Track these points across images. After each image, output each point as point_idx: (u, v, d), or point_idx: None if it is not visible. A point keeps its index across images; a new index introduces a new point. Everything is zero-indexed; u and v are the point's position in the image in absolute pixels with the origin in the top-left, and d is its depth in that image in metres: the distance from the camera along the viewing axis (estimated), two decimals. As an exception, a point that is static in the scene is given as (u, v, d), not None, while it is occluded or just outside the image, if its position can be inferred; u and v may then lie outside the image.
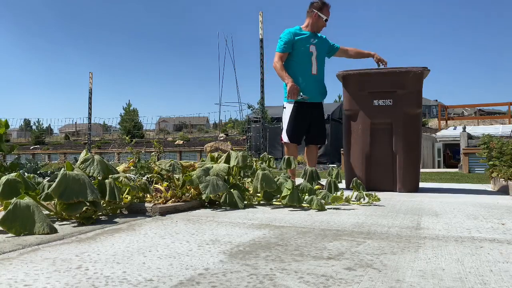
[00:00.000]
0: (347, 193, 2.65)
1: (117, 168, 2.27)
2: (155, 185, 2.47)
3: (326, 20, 3.74)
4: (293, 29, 3.74)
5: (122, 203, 2.07)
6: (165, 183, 2.45)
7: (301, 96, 3.60)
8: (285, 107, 3.76)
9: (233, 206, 2.32)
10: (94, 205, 1.80)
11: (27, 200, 1.59)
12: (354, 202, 2.57)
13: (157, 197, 2.27)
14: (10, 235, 1.51)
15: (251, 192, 2.58)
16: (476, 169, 9.35)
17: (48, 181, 1.95)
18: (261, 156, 3.08)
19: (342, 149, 3.96)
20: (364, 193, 2.60)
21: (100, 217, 1.95)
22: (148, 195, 2.28)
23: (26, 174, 2.53)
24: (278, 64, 3.67)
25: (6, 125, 3.07)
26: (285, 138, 3.73)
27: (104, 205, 1.98)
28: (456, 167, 11.24)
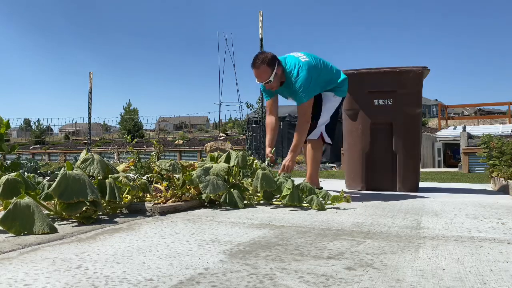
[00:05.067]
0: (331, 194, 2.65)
1: (117, 167, 2.27)
2: (155, 185, 2.47)
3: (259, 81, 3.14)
4: None
5: (122, 203, 2.07)
6: (165, 183, 2.45)
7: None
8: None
9: (233, 205, 2.32)
10: (94, 205, 1.80)
11: (27, 199, 1.59)
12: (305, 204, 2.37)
13: (157, 196, 2.27)
14: (10, 234, 1.51)
15: (251, 191, 2.58)
16: (476, 168, 9.35)
17: (48, 181, 1.95)
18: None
19: (342, 149, 3.91)
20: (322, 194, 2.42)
21: (100, 217, 1.95)
22: (148, 195, 2.28)
23: (26, 173, 2.53)
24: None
25: (7, 125, 3.07)
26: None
27: (104, 204, 1.98)
28: (456, 166, 11.23)
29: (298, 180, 2.77)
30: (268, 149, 3.19)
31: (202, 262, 1.18)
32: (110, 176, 2.00)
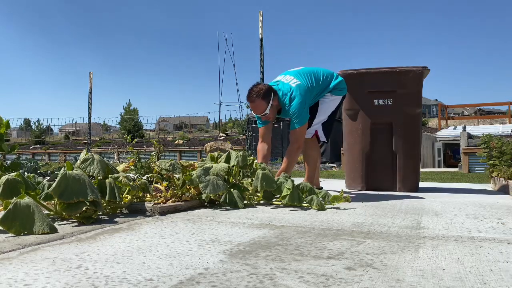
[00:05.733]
0: (331, 194, 2.64)
1: (117, 167, 2.27)
2: (155, 185, 2.47)
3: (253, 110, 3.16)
4: None
5: (122, 203, 2.07)
6: (165, 183, 2.45)
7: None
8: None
9: (233, 205, 2.32)
10: (94, 205, 1.80)
11: (27, 199, 1.59)
12: (305, 204, 2.37)
13: (157, 196, 2.27)
14: (10, 234, 1.51)
15: (251, 191, 2.58)
16: (476, 168, 9.35)
17: (48, 180, 1.95)
18: None
19: (342, 149, 3.90)
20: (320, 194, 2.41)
21: (100, 217, 1.95)
22: (148, 195, 2.28)
23: (26, 173, 2.53)
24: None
25: (7, 125, 3.08)
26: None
27: (104, 204, 1.98)
28: (456, 166, 11.24)
29: (298, 180, 2.77)
30: None
31: (202, 262, 1.18)
32: (110, 176, 2.00)
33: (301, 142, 3.12)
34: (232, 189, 2.38)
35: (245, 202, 2.44)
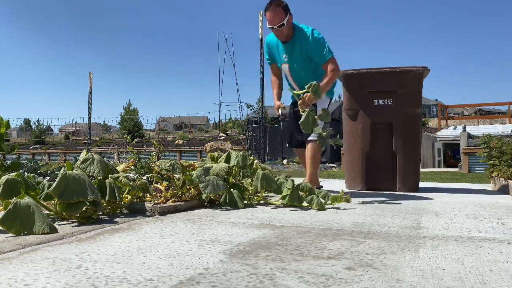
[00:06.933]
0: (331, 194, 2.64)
1: (117, 167, 2.27)
2: (155, 185, 2.47)
3: (271, 28, 3.09)
4: (269, 37, 3.34)
5: (122, 203, 2.07)
6: (165, 183, 2.45)
7: (283, 114, 3.26)
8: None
9: (233, 205, 2.32)
10: (94, 205, 1.80)
11: (27, 199, 1.59)
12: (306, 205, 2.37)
13: (157, 196, 2.27)
14: (10, 234, 1.51)
15: (251, 191, 2.58)
16: (476, 168, 9.36)
17: (48, 181, 1.95)
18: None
19: (342, 149, 3.90)
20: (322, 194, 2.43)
21: (100, 217, 1.95)
22: (148, 195, 2.28)
23: (26, 173, 2.53)
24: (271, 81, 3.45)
25: (7, 125, 3.08)
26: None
27: (104, 204, 1.98)
28: (456, 166, 11.25)
29: (298, 180, 2.77)
30: (278, 102, 3.29)
31: (202, 262, 1.18)
32: (110, 176, 2.00)
33: (338, 66, 3.09)
34: (232, 189, 2.38)
35: (245, 202, 2.44)
